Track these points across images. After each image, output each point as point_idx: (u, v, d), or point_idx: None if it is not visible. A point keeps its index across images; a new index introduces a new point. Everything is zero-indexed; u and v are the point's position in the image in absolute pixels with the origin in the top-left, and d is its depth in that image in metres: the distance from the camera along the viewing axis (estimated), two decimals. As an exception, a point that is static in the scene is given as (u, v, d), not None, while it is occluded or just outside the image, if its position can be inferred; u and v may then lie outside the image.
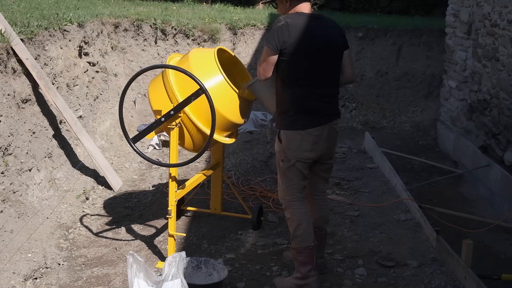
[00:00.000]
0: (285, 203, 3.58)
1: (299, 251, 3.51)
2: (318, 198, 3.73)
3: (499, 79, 5.58)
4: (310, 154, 3.45)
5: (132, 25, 8.22)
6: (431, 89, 8.38)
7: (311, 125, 3.41)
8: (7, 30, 4.89)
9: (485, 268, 3.95)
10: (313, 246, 3.51)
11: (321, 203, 3.75)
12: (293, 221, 3.53)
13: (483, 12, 5.99)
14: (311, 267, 3.51)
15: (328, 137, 3.49)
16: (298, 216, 3.52)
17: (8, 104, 4.49)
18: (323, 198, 3.78)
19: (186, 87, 3.69)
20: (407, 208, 4.92)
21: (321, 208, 3.74)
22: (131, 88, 7.44)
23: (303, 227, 3.50)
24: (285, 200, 3.58)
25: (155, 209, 4.91)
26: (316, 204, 3.72)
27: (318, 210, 3.73)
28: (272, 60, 3.37)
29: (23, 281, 3.59)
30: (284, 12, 3.50)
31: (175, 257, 3.16)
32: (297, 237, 3.52)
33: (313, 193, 3.71)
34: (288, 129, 3.45)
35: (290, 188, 3.54)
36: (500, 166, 5.22)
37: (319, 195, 3.74)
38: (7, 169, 4.23)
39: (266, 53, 3.38)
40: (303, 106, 3.40)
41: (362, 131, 7.59)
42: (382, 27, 8.63)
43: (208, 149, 4.15)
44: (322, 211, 3.75)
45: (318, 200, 3.73)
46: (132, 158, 6.20)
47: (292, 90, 3.41)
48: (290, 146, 3.45)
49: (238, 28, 8.48)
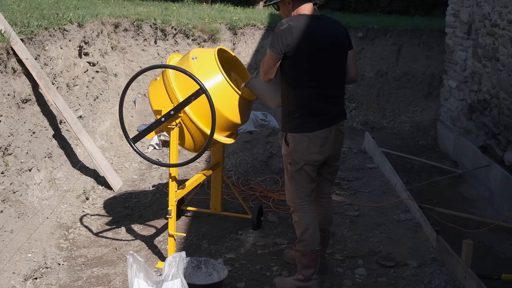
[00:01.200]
0: (294, 206, 3.54)
1: (304, 254, 3.50)
2: (324, 200, 3.70)
3: (499, 79, 5.58)
4: (318, 156, 3.42)
5: (132, 25, 8.22)
6: (431, 89, 8.38)
7: (318, 127, 3.37)
8: (7, 30, 4.89)
9: (485, 268, 3.95)
10: (318, 250, 3.51)
11: (326, 205, 3.72)
12: (301, 224, 3.50)
13: (483, 12, 5.99)
14: (314, 270, 3.51)
15: (335, 138, 3.46)
16: (306, 220, 3.49)
17: (8, 104, 4.49)
18: (328, 200, 3.75)
19: (186, 87, 3.69)
20: (407, 208, 4.92)
21: (326, 210, 3.72)
22: (131, 88, 7.44)
23: (310, 231, 3.48)
24: (293, 204, 3.54)
25: (155, 209, 4.91)
26: (321, 206, 3.69)
27: (323, 212, 3.70)
28: (276, 63, 3.35)
29: (23, 281, 3.59)
30: (287, 14, 3.47)
31: (175, 257, 3.16)
32: (304, 241, 3.50)
33: (318, 195, 3.67)
34: (295, 131, 3.41)
35: (299, 191, 3.50)
36: (500, 166, 5.22)
37: (325, 197, 3.71)
38: (7, 169, 4.23)
39: (271, 57, 3.34)
40: (309, 108, 3.37)
41: (362, 131, 7.59)
42: (382, 27, 8.63)
43: (208, 149, 4.15)
44: (326, 213, 3.72)
45: (323, 202, 3.70)
46: (132, 158, 6.20)
47: (297, 92, 3.38)
48: (297, 149, 3.41)
49: (238, 28, 8.48)
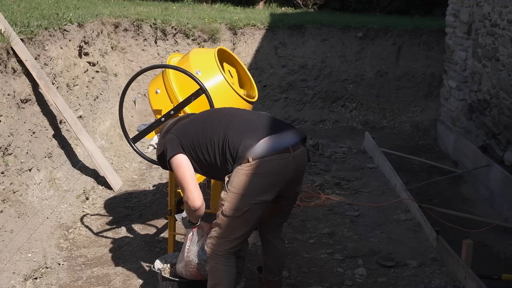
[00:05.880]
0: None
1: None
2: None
3: (499, 79, 5.58)
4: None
5: (132, 25, 8.22)
6: (431, 89, 8.38)
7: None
8: (7, 30, 4.89)
9: (485, 268, 3.95)
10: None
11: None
12: (216, 277, 3.01)
13: (483, 12, 5.99)
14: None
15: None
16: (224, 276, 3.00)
17: (8, 104, 4.49)
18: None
19: (186, 87, 3.69)
20: (407, 208, 4.92)
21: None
22: (131, 88, 7.44)
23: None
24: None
25: (155, 209, 4.91)
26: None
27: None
28: None
29: (23, 281, 3.59)
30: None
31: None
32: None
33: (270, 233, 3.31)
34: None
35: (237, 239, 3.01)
36: (500, 166, 5.22)
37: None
38: (7, 169, 4.23)
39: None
40: None
41: (362, 131, 7.60)
42: (382, 27, 8.63)
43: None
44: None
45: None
46: (132, 158, 6.20)
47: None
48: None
49: (238, 28, 8.48)
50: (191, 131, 3.01)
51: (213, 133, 2.93)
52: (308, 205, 5.07)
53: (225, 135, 2.89)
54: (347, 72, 8.47)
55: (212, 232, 2.99)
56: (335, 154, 6.57)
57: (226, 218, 2.89)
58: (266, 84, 8.30)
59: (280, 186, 2.89)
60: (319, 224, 4.70)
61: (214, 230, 2.98)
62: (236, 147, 2.83)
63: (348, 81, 8.47)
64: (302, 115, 8.27)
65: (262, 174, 2.80)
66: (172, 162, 2.98)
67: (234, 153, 2.84)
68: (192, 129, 3.02)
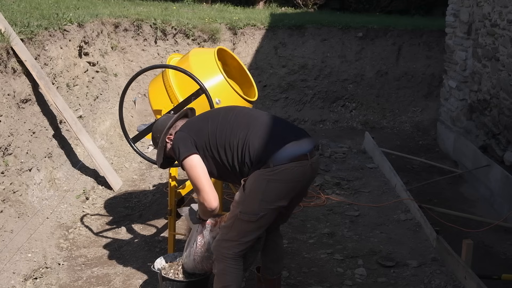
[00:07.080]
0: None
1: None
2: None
3: (499, 79, 5.58)
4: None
5: (132, 25, 8.22)
6: (431, 89, 8.38)
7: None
8: (7, 30, 4.89)
9: (485, 268, 3.95)
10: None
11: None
12: (223, 280, 3.03)
13: (483, 12, 5.99)
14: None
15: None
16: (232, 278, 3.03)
17: (8, 104, 4.49)
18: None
19: (186, 87, 3.69)
20: (407, 208, 4.92)
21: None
22: (131, 88, 7.44)
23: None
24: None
25: (155, 209, 4.91)
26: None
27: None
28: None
29: (23, 281, 3.59)
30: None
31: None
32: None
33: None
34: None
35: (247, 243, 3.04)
36: (500, 166, 5.22)
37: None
38: (7, 169, 4.23)
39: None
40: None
41: (362, 131, 7.60)
42: (382, 27, 8.63)
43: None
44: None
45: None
46: (132, 158, 6.20)
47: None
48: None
49: (238, 28, 8.48)
50: (206, 130, 2.99)
51: (233, 135, 2.93)
52: (308, 205, 5.07)
53: (245, 138, 2.89)
54: (347, 72, 8.46)
55: (222, 235, 2.98)
56: (335, 154, 6.57)
57: (241, 221, 2.89)
58: (266, 84, 8.30)
59: (296, 192, 2.93)
60: (319, 224, 4.70)
61: (224, 232, 2.97)
62: (258, 151, 2.84)
63: (348, 81, 8.47)
64: (302, 115, 8.27)
65: (282, 180, 2.82)
66: (186, 163, 2.96)
67: (254, 157, 2.85)
68: (207, 128, 3.00)
